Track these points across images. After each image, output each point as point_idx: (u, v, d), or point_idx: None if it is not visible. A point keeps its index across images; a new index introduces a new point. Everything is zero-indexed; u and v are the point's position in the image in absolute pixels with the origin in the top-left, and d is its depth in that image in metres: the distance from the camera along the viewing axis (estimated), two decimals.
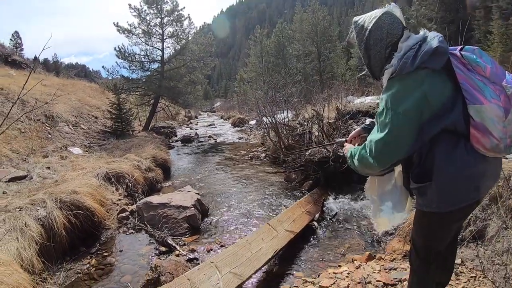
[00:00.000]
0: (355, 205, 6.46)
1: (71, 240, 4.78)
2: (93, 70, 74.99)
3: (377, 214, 2.46)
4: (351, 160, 2.15)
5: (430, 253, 2.11)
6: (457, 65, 1.79)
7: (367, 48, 1.98)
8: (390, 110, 1.76)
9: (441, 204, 1.85)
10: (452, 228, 2.06)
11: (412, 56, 1.73)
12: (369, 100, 11.71)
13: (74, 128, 11.49)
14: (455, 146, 1.76)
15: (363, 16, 2.04)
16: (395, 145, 1.81)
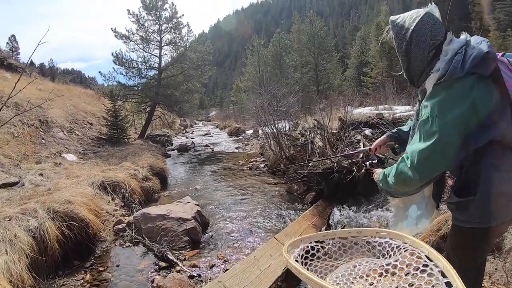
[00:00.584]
0: (360, 217, 6.27)
1: (64, 253, 4.45)
2: (89, 77, 74.99)
3: (398, 225, 2.34)
4: (384, 181, 2.03)
5: (466, 270, 1.91)
6: (506, 72, 1.69)
7: (407, 50, 1.81)
8: (437, 118, 1.63)
9: (486, 219, 1.72)
10: (492, 243, 2.02)
11: (461, 61, 1.59)
12: (367, 110, 11.65)
13: (68, 134, 11.23)
14: (502, 158, 1.67)
15: (401, 16, 1.88)
16: (441, 156, 1.67)
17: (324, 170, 7.36)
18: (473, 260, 1.94)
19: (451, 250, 2.03)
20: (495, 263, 3.19)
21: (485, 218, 1.71)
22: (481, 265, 2.04)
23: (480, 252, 1.94)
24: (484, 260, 2.08)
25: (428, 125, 1.66)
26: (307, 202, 7.32)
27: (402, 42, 1.81)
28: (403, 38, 1.80)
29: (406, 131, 2.34)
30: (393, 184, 1.92)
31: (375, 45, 31.98)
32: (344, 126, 8.64)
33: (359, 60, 37.89)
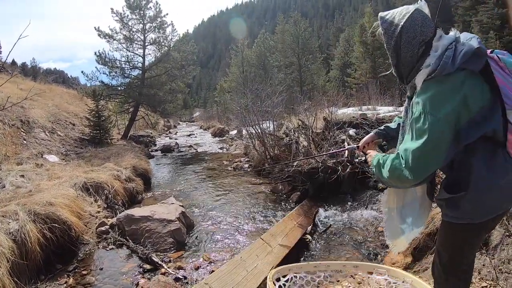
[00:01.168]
0: (346, 216, 6.31)
1: (46, 257, 4.35)
2: (72, 77, 73.93)
3: (395, 235, 2.31)
4: (378, 170, 1.98)
5: (457, 267, 1.98)
6: (496, 68, 1.69)
7: (397, 47, 1.81)
8: (429, 115, 1.62)
9: (476, 215, 1.75)
10: (482, 238, 2.02)
11: (451, 56, 1.59)
12: (351, 111, 11.73)
13: (50, 135, 11.02)
14: (493, 154, 1.67)
15: (391, 12, 1.87)
16: (435, 153, 1.67)
17: (309, 170, 7.40)
18: (463, 256, 1.95)
19: (441, 246, 2.03)
20: (483, 259, 3.22)
21: (476, 214, 1.73)
22: (471, 261, 2.06)
23: (471, 248, 1.96)
24: (474, 256, 2.10)
25: (420, 123, 1.65)
26: (292, 201, 7.35)
27: (392, 38, 1.81)
28: (392, 34, 1.80)
29: (393, 128, 2.35)
30: (387, 178, 1.90)
31: (358, 47, 32.22)
32: (329, 126, 8.70)
33: (343, 61, 38.22)
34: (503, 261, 3.08)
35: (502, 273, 3.01)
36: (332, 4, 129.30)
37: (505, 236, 3.23)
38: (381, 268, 2.00)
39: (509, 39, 22.35)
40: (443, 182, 1.87)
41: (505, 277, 2.96)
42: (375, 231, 5.48)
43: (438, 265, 2.05)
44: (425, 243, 4.00)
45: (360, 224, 5.89)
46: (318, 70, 35.47)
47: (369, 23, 30.53)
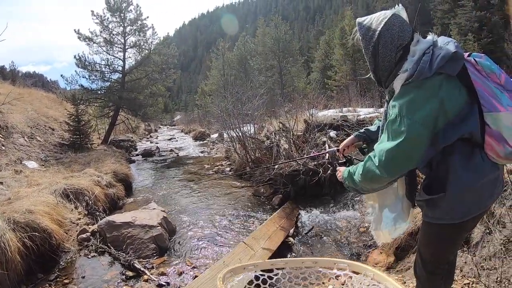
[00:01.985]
0: (328, 218, 6.37)
1: (27, 266, 4.26)
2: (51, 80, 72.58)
3: (377, 226, 2.34)
4: (349, 180, 2.03)
5: (439, 265, 2.02)
6: (473, 71, 1.72)
7: (374, 52, 1.83)
8: (405, 118, 1.65)
9: (456, 215, 1.78)
10: (463, 238, 2.07)
11: (428, 61, 1.62)
12: (331, 112, 11.83)
13: (29, 140, 10.82)
14: (471, 155, 1.71)
15: (368, 17, 1.89)
16: (408, 155, 1.71)
17: (291, 172, 7.43)
18: (445, 255, 2.00)
19: (422, 246, 2.06)
20: (464, 256, 3.29)
21: (455, 214, 1.77)
22: (453, 259, 2.12)
23: (452, 248, 2.02)
24: (455, 254, 2.16)
25: (396, 125, 1.68)
26: (274, 204, 7.37)
27: (369, 44, 1.83)
28: (370, 39, 1.82)
29: (374, 131, 2.37)
30: (360, 182, 1.92)
31: (339, 49, 32.54)
32: (309, 128, 8.76)
33: (323, 63, 38.50)
34: (485, 258, 3.14)
35: (484, 270, 3.07)
36: (313, 7, 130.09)
37: (485, 233, 3.30)
38: (342, 262, 2.01)
39: (487, 41, 22.88)
40: (423, 183, 1.90)
41: (487, 274, 3.02)
42: (357, 232, 5.55)
43: (420, 264, 2.08)
44: (407, 243, 4.07)
45: (342, 225, 5.96)
46: (299, 73, 35.75)
47: (349, 26, 30.94)
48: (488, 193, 1.77)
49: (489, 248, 3.17)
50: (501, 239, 3.12)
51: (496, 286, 2.88)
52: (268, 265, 2.19)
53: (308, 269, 2.13)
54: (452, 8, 28.04)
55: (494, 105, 1.64)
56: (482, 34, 23.41)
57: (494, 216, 3.31)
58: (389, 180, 1.83)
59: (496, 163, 1.74)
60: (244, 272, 2.10)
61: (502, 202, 3.39)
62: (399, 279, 3.49)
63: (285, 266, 2.18)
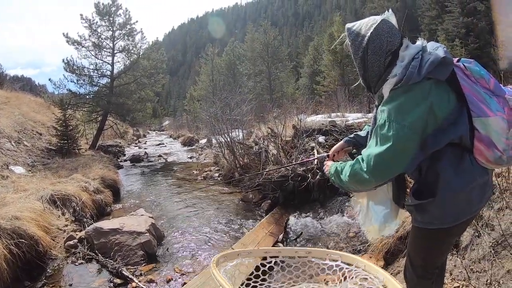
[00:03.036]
0: (317, 223, 6.37)
1: (14, 274, 4.21)
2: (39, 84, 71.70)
3: (366, 222, 2.31)
4: (336, 177, 2.01)
5: (429, 269, 2.02)
6: (462, 76, 1.72)
7: (364, 57, 1.83)
8: (394, 122, 1.64)
9: (446, 220, 1.78)
10: (452, 242, 2.08)
11: (417, 66, 1.62)
12: (320, 118, 11.86)
13: (16, 145, 10.69)
14: (460, 160, 1.71)
15: (357, 23, 1.89)
16: (397, 160, 1.69)
17: (279, 178, 7.43)
18: (435, 259, 2.01)
19: (412, 251, 2.07)
20: (454, 259, 3.30)
21: (445, 219, 1.77)
22: (442, 263, 2.13)
23: (442, 252, 2.02)
24: (445, 258, 2.17)
25: (384, 130, 1.67)
26: (263, 210, 7.38)
27: (358, 49, 1.83)
28: (359, 45, 1.82)
29: (363, 136, 2.37)
30: (347, 182, 1.91)
31: (327, 55, 32.71)
32: (298, 134, 8.78)
33: (312, 69, 38.66)
34: (474, 261, 3.15)
35: (473, 273, 3.08)
36: (302, 13, 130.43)
37: (474, 236, 3.31)
38: (334, 253, 2.01)
39: (474, 46, 23.19)
40: (412, 188, 1.90)
41: (477, 276, 3.03)
42: (347, 237, 5.56)
43: (410, 268, 2.09)
44: (396, 247, 4.08)
45: (331, 230, 5.96)
46: (288, 78, 35.90)
47: (338, 31, 31.11)
48: (478, 197, 1.78)
49: (478, 251, 3.19)
50: (490, 241, 3.13)
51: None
52: (262, 252, 2.21)
53: (301, 258, 2.14)
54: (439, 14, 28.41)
55: (483, 110, 1.65)
56: (469, 39, 23.75)
57: (483, 219, 3.33)
58: (376, 184, 1.83)
59: (485, 167, 1.74)
60: (238, 258, 2.10)
61: (490, 205, 3.41)
62: None
63: (279, 254, 2.18)
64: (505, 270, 2.91)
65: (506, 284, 2.83)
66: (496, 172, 3.60)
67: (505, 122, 1.65)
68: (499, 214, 3.32)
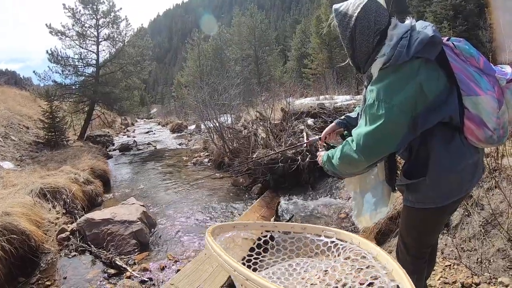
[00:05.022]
0: (308, 205, 6.45)
1: (7, 270, 4.19)
2: (24, 77, 70.63)
3: (359, 212, 2.31)
4: (328, 163, 2.01)
5: (421, 249, 2.05)
6: (451, 55, 1.71)
7: (352, 37, 1.80)
8: (383, 102, 1.63)
9: (437, 199, 1.79)
10: (444, 221, 2.10)
11: (406, 45, 1.61)
12: (308, 101, 11.86)
13: (4, 140, 10.56)
14: (451, 139, 1.72)
15: (344, 4, 1.85)
16: (386, 139, 1.69)
17: (269, 161, 7.46)
18: (426, 239, 2.03)
19: (404, 230, 2.08)
20: (445, 238, 3.34)
21: (437, 198, 1.79)
22: (434, 242, 2.17)
23: (433, 231, 2.04)
24: (437, 237, 2.21)
25: (374, 109, 1.66)
26: (254, 194, 7.45)
27: (346, 30, 1.80)
28: (346, 25, 1.79)
29: (354, 117, 2.35)
30: (338, 166, 1.91)
31: (315, 38, 32.58)
32: (287, 117, 8.79)
33: (300, 52, 38.51)
34: (464, 240, 3.20)
35: (464, 251, 3.13)
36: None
37: (464, 215, 3.35)
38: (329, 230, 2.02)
39: (462, 28, 23.18)
40: (403, 167, 1.92)
41: (468, 255, 3.08)
42: (338, 218, 5.62)
43: (402, 248, 2.11)
44: (387, 227, 4.12)
45: (323, 212, 6.04)
46: (275, 62, 35.77)
47: (325, 14, 31.03)
48: (469, 177, 1.79)
49: (468, 230, 3.23)
50: (480, 221, 3.18)
51: (476, 266, 2.95)
52: (258, 226, 2.20)
53: (296, 234, 2.15)
54: None
55: (473, 89, 1.65)
56: (457, 21, 23.68)
57: (472, 199, 3.38)
58: (367, 164, 1.81)
59: (476, 147, 1.75)
60: (234, 230, 2.10)
61: (480, 185, 3.44)
62: None
63: (275, 229, 2.19)
64: (495, 248, 2.96)
65: (496, 262, 2.89)
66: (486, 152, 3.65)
67: (495, 101, 1.65)
68: (488, 194, 3.35)
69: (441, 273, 3.09)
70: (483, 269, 2.91)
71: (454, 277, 2.99)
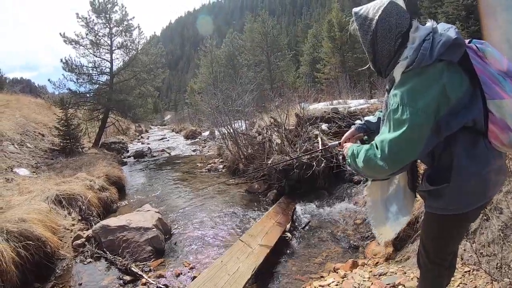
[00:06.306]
0: (324, 211, 6.39)
1: (23, 276, 4.19)
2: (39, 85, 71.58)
3: (381, 223, 2.27)
4: (352, 160, 1.95)
5: (443, 256, 1.98)
6: (475, 58, 1.65)
7: (373, 41, 1.77)
8: (407, 107, 1.58)
9: (461, 205, 1.74)
10: (467, 228, 2.05)
11: (429, 48, 1.56)
12: (321, 105, 11.81)
13: (19, 147, 10.67)
14: (475, 143, 1.65)
15: (364, 7, 1.81)
16: (412, 145, 1.62)
17: (284, 167, 7.41)
18: (449, 246, 1.97)
19: (426, 237, 2.03)
20: (463, 243, 3.26)
21: (460, 205, 1.73)
22: (456, 249, 2.10)
23: (456, 238, 1.98)
24: (458, 244, 2.14)
25: (398, 114, 1.61)
26: (269, 200, 7.38)
27: (367, 33, 1.77)
28: (367, 29, 1.76)
29: (374, 122, 2.32)
30: (362, 168, 1.85)
31: (327, 42, 32.57)
32: (301, 122, 8.74)
33: (312, 57, 38.50)
34: (483, 245, 3.11)
35: (483, 257, 3.04)
36: (300, 1, 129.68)
37: (483, 220, 3.25)
38: None
39: (475, 29, 22.95)
40: (425, 173, 1.86)
41: (487, 260, 2.99)
42: (354, 224, 5.54)
43: (423, 255, 2.05)
44: (405, 233, 4.05)
45: (339, 218, 5.96)
46: (288, 67, 35.83)
47: (336, 18, 31.01)
48: (493, 182, 1.73)
49: (487, 235, 3.13)
50: (499, 225, 3.08)
51: (496, 272, 2.86)
52: None
53: None
54: None
55: (498, 92, 1.59)
56: (469, 22, 23.49)
57: (491, 203, 3.25)
58: (391, 172, 1.75)
59: (500, 151, 1.70)
60: None
61: None
62: (400, 270, 3.47)
63: None
64: None
65: None
66: None
67: None
68: (507, 197, 3.25)
69: (460, 279, 3.01)
70: (503, 274, 2.81)
71: (474, 283, 2.91)
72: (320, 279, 3.94)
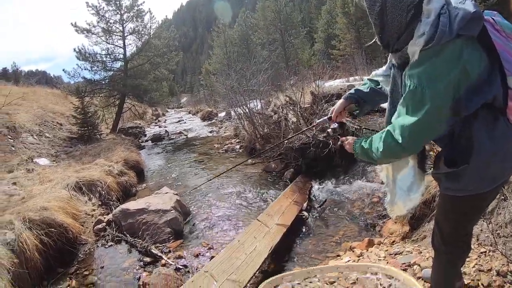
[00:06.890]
0: (341, 190, 6.34)
1: (46, 262, 4.33)
2: (54, 76, 72.32)
3: (393, 199, 2.23)
4: (363, 155, 1.92)
5: (458, 237, 1.95)
6: (493, 32, 1.56)
7: (382, 12, 1.59)
8: (427, 88, 1.48)
9: (479, 186, 1.68)
10: (484, 209, 2.00)
11: (447, 22, 1.43)
12: (338, 82, 11.67)
13: (38, 138, 10.87)
14: (495, 122, 1.57)
15: None
16: (434, 126, 1.58)
17: (301, 146, 7.37)
18: (465, 227, 1.94)
19: (442, 219, 1.99)
20: (480, 224, 3.19)
21: (479, 185, 1.68)
22: (471, 230, 2.05)
23: (473, 220, 1.95)
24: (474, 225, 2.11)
25: (417, 96, 1.52)
26: (285, 179, 7.34)
27: (375, 3, 1.60)
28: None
29: (366, 92, 2.25)
30: (380, 158, 1.80)
31: (341, 18, 31.98)
32: (317, 100, 8.65)
33: (327, 33, 37.78)
34: (500, 225, 3.03)
35: (500, 237, 2.97)
36: None
37: (500, 200, 3.17)
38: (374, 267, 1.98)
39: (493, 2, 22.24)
40: (442, 155, 1.78)
41: (504, 241, 2.93)
42: (371, 202, 5.48)
43: (438, 236, 2.01)
44: (421, 212, 4.00)
45: (355, 196, 5.91)
46: (302, 45, 35.35)
47: None
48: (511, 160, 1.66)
49: (505, 215, 3.05)
50: None
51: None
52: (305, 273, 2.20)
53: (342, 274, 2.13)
54: None
55: None
56: None
57: (509, 182, 3.16)
58: (411, 154, 1.76)
59: None
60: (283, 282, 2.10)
61: None
62: (415, 249, 3.44)
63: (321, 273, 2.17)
64: None
65: None
66: None
67: None
68: None
69: (476, 260, 2.95)
70: None
71: (489, 264, 2.85)
72: (336, 257, 3.95)
